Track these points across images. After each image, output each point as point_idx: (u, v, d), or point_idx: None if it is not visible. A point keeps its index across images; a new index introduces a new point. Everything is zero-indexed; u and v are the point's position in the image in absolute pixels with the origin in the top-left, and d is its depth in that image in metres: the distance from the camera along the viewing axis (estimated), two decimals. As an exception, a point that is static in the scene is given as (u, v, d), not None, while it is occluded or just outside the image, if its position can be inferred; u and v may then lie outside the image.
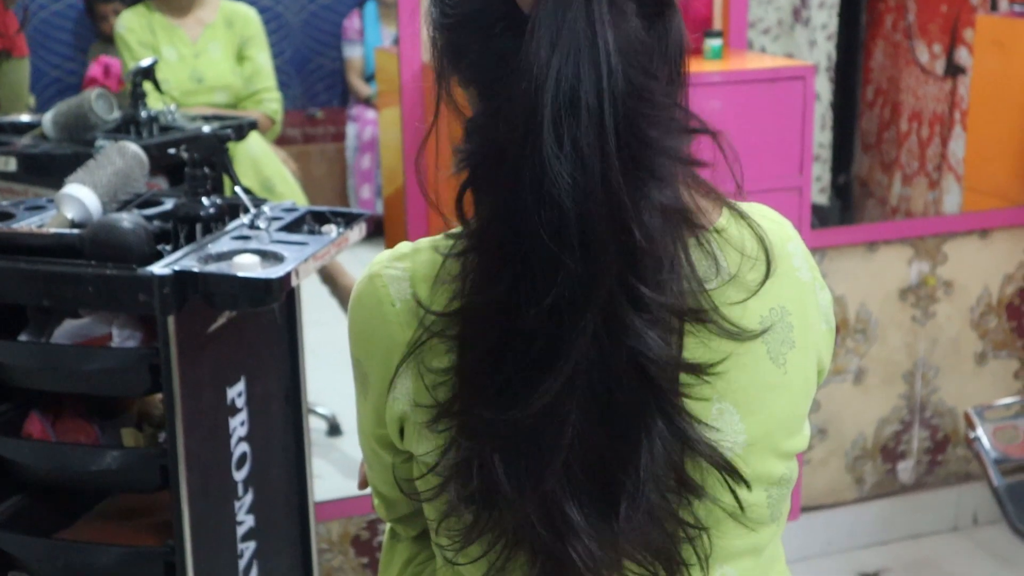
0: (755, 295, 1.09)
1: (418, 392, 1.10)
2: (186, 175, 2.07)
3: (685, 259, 1.04)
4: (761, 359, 1.11)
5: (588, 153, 0.96)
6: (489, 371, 1.03)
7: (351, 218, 2.17)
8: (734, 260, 1.09)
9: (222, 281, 1.84)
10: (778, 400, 1.13)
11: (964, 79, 3.30)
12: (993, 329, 3.33)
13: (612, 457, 1.04)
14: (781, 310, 1.13)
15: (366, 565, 2.86)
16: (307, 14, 3.38)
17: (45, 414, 2.05)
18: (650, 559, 1.08)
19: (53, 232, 1.94)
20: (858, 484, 3.31)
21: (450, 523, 1.11)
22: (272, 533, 2.23)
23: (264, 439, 2.18)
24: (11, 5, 2.97)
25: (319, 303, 3.06)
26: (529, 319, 0.99)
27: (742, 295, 1.09)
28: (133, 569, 2.02)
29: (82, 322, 2.00)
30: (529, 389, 1.01)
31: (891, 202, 3.35)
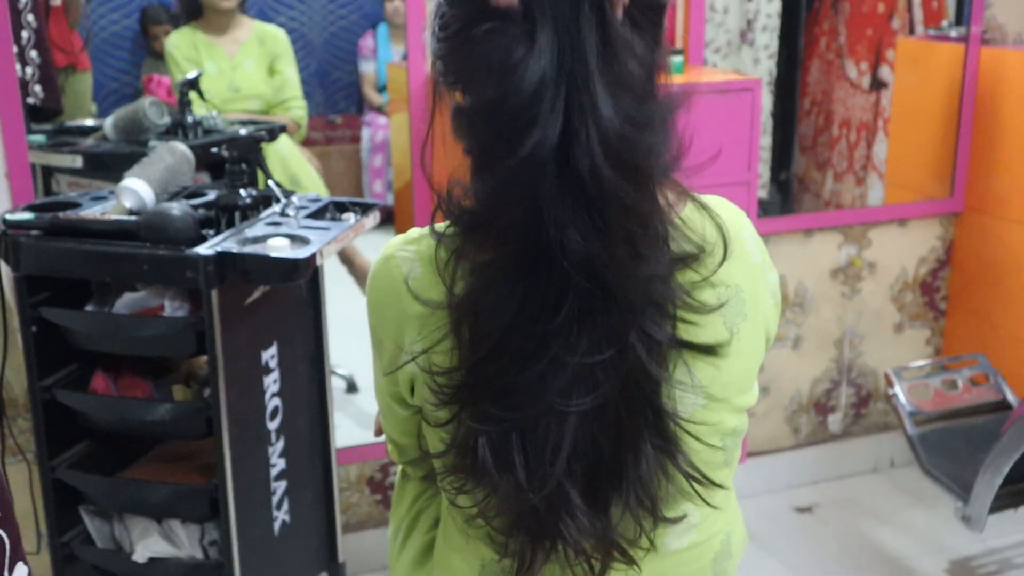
0: (714, 275, 1.10)
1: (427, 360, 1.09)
2: (226, 171, 2.07)
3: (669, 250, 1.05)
4: (719, 330, 1.12)
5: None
6: (494, 371, 1.02)
7: (366, 207, 2.17)
8: (696, 246, 1.09)
9: (257, 260, 1.84)
10: (732, 363, 1.14)
11: (886, 92, 3.30)
12: (909, 303, 3.35)
13: (608, 447, 1.05)
14: (736, 287, 1.13)
15: (379, 502, 2.87)
16: (328, 34, 3.37)
17: (108, 373, 2.06)
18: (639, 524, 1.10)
19: (114, 219, 1.94)
20: (795, 433, 3.33)
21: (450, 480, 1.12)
22: (300, 474, 2.23)
23: (293, 395, 2.19)
24: (75, 26, 2.96)
25: (339, 280, 3.06)
26: (533, 319, 0.99)
27: (702, 275, 1.09)
28: (182, 504, 2.03)
29: (138, 295, 2.00)
30: (533, 391, 1.01)
31: (824, 196, 3.35)
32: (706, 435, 1.11)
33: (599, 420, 1.03)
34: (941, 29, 3.29)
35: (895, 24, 3.29)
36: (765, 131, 3.21)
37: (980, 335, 3.27)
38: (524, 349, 1.00)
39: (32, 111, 2.58)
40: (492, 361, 1.02)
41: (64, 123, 2.70)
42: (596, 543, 1.08)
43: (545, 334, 0.99)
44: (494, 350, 1.02)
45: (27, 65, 2.53)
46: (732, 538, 1.24)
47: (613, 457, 1.05)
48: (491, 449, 1.04)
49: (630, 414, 1.04)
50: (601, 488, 1.06)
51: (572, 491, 1.04)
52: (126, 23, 3.16)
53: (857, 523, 3.14)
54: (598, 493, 1.06)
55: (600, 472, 1.05)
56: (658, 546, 1.15)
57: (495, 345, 1.01)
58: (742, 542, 1.27)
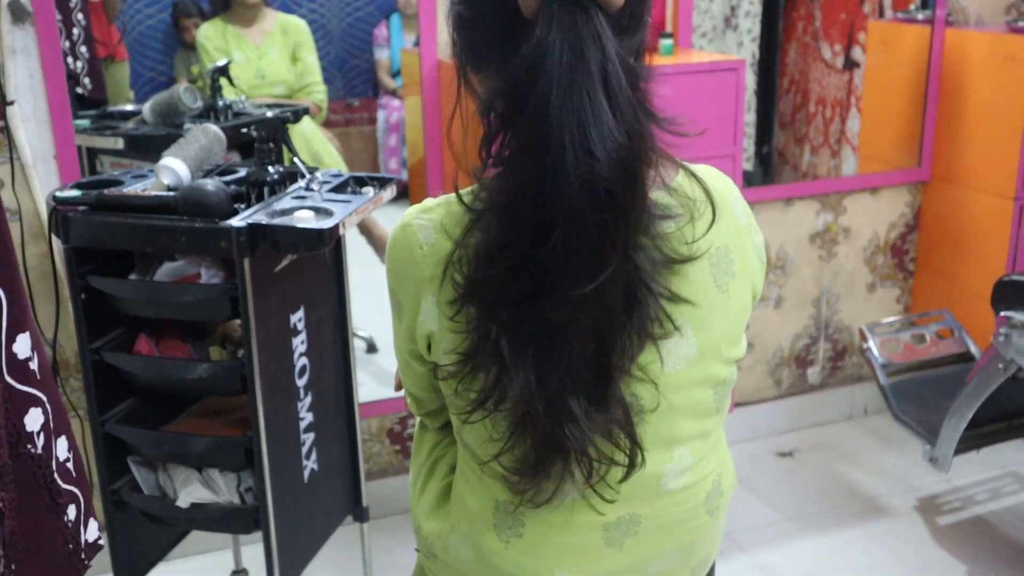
0: (704, 236, 1.10)
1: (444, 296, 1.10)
2: (255, 150, 2.06)
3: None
4: (709, 287, 1.12)
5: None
6: (508, 285, 1.02)
7: (384, 182, 2.15)
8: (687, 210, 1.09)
9: (285, 231, 1.83)
10: (721, 318, 1.14)
11: (858, 71, 3.28)
12: (880, 265, 3.34)
13: (604, 364, 1.05)
14: (724, 248, 1.13)
15: (398, 451, 2.89)
16: (345, 24, 3.35)
17: (150, 336, 2.06)
18: (624, 440, 1.09)
19: (154, 195, 1.93)
20: (777, 385, 3.34)
21: (462, 403, 1.12)
22: (326, 426, 2.24)
23: (319, 354, 2.18)
24: (113, 20, 2.95)
25: (359, 248, 3.05)
26: (548, 254, 0.98)
27: (695, 238, 1.09)
28: (220, 454, 2.03)
29: (177, 264, 2.00)
30: (541, 308, 1.01)
31: (802, 168, 3.34)
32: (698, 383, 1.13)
33: (598, 335, 1.03)
34: (909, 12, 3.27)
35: (866, 8, 3.26)
36: (749, 108, 3.19)
37: (945, 293, 3.27)
38: (537, 273, 1.00)
39: (80, 100, 2.58)
40: (509, 278, 1.02)
41: (106, 109, 2.70)
42: (599, 445, 1.08)
43: (541, 258, 0.99)
44: (512, 268, 1.02)
45: (77, 59, 2.54)
46: (723, 479, 1.25)
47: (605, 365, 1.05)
48: (507, 342, 1.04)
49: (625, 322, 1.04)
50: (600, 393, 1.06)
51: (572, 401, 1.04)
52: (160, 17, 3.14)
53: (834, 466, 3.15)
54: (598, 398, 1.06)
55: (598, 381, 1.05)
56: (657, 486, 1.16)
57: (513, 265, 1.01)
58: (732, 483, 1.28)
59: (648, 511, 1.17)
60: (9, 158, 2.31)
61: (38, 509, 0.90)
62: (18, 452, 0.88)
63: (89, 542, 0.98)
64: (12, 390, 0.87)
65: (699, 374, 1.14)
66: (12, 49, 2.26)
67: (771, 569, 2.65)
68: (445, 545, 1.24)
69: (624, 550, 1.18)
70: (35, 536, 0.89)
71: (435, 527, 1.26)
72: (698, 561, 1.25)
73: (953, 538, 2.77)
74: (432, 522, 1.27)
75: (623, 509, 1.16)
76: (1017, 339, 2.24)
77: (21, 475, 0.87)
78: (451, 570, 1.25)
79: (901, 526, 2.83)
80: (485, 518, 1.19)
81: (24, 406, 0.89)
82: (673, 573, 1.23)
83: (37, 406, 0.90)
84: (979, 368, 2.42)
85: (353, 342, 2.32)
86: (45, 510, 0.91)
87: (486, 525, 1.19)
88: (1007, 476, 3.06)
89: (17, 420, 0.88)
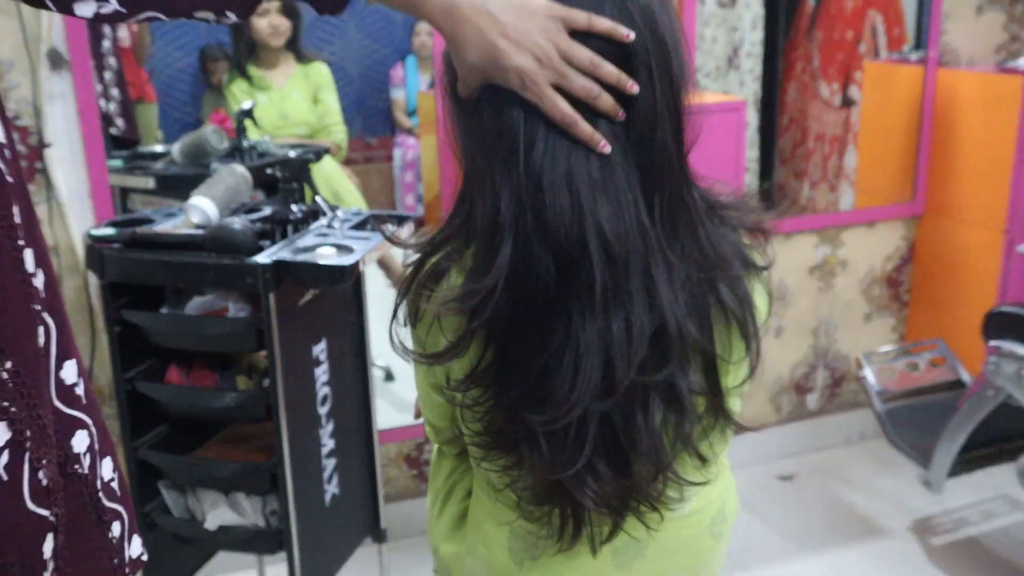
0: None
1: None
2: (279, 188, 2.08)
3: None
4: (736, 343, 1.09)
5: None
6: (520, 373, 1.01)
7: (401, 219, 2.16)
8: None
9: (308, 267, 1.84)
10: (736, 365, 1.11)
11: (855, 109, 3.30)
12: (877, 296, 3.35)
13: (626, 433, 1.03)
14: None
15: (415, 476, 2.89)
16: (363, 67, 3.39)
17: (180, 366, 2.07)
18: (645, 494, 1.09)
19: (184, 232, 1.95)
20: (777, 411, 3.34)
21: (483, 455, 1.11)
22: (347, 452, 2.24)
23: (340, 383, 2.19)
24: (142, 63, 2.99)
25: (377, 282, 3.07)
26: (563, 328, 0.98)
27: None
28: (246, 479, 2.04)
29: (206, 298, 2.01)
30: (557, 397, 0.99)
31: (802, 202, 3.35)
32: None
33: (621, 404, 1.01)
34: (902, 53, 3.29)
35: (862, 49, 3.28)
36: (751, 145, 3.20)
37: (939, 323, 3.27)
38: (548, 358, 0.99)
39: (113, 140, 2.60)
40: (514, 353, 1.01)
41: (138, 149, 2.71)
42: (619, 500, 1.07)
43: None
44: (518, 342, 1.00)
45: (110, 101, 2.56)
46: (727, 504, 1.25)
47: (627, 430, 1.02)
48: (521, 435, 1.03)
49: (643, 405, 1.02)
50: (622, 456, 1.04)
51: (598, 463, 1.03)
52: (188, 60, 3.17)
53: (833, 489, 3.15)
54: (620, 461, 1.04)
55: (619, 444, 1.03)
56: (665, 512, 1.15)
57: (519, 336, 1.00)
58: (735, 508, 1.28)
59: (655, 535, 1.17)
60: (46, 198, 2.34)
61: (86, 526, 0.91)
62: (67, 472, 0.89)
63: (133, 557, 0.98)
64: (60, 414, 0.88)
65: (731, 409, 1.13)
66: (50, 95, 2.29)
67: (773, 589, 2.66)
68: (462, 567, 1.24)
69: (632, 572, 1.18)
70: (83, 551, 0.90)
71: (452, 549, 1.26)
72: (702, 582, 1.26)
73: (947, 558, 2.77)
74: (449, 544, 1.27)
75: (631, 533, 1.15)
76: (1006, 367, 2.25)
77: (70, 494, 0.89)
78: (468, 591, 1.26)
79: (897, 546, 2.83)
80: (500, 541, 1.19)
81: (72, 429, 0.90)
82: (678, 594, 1.23)
83: (83, 429, 0.91)
84: (970, 395, 2.42)
85: (372, 371, 2.32)
86: (91, 527, 0.92)
87: (501, 548, 1.19)
88: (999, 498, 3.05)
89: (65, 442, 0.89)
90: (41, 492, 0.82)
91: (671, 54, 1.01)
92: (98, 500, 0.93)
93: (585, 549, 1.15)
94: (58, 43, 2.28)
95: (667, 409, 1.03)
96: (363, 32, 3.36)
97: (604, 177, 0.97)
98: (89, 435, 0.92)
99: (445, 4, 0.96)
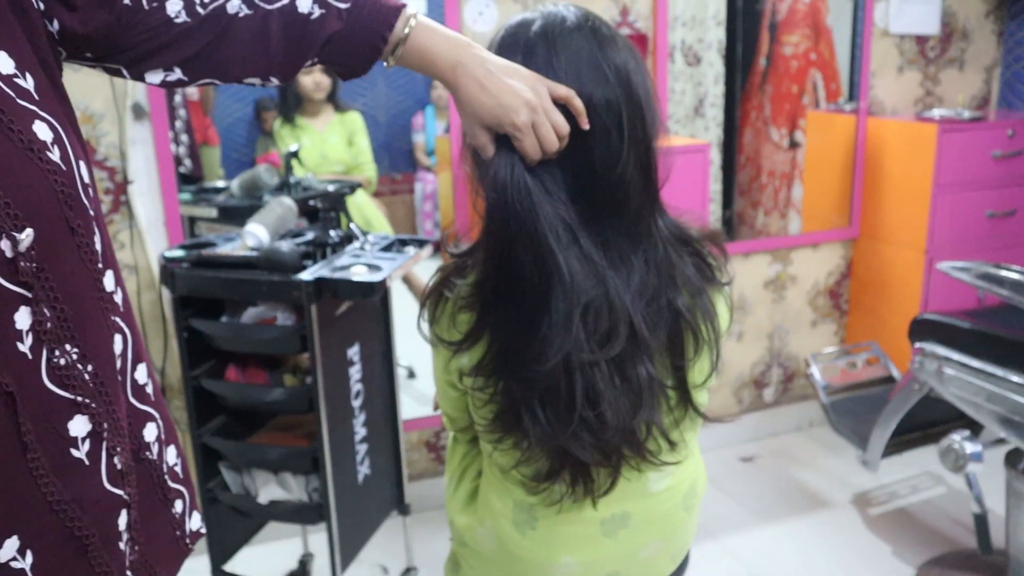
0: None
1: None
2: (320, 217, 2.07)
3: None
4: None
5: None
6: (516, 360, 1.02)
7: (422, 243, 2.17)
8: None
9: (344, 283, 1.85)
10: (705, 361, 1.11)
11: (800, 150, 3.29)
12: (821, 305, 3.33)
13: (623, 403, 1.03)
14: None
15: (433, 459, 2.88)
16: (390, 115, 3.39)
17: (237, 366, 2.08)
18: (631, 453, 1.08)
19: (240, 254, 1.96)
20: (739, 403, 3.32)
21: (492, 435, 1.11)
22: (376, 439, 2.24)
23: (370, 380, 2.19)
24: (208, 113, 2.99)
25: (401, 295, 3.06)
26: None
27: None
28: (292, 461, 2.04)
29: (259, 309, 2.02)
30: (545, 351, 0.99)
31: (757, 227, 3.35)
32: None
33: (607, 374, 1.01)
34: (838, 104, 3.29)
35: (805, 101, 3.28)
36: (715, 180, 3.20)
37: (873, 328, 3.25)
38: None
39: (183, 177, 2.61)
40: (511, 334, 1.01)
41: (203, 184, 2.72)
42: (615, 450, 1.05)
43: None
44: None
45: (180, 145, 2.57)
46: (697, 482, 1.25)
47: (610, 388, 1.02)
48: (523, 411, 1.03)
49: (630, 372, 1.02)
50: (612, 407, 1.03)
51: (589, 418, 1.02)
52: (245, 110, 3.18)
53: (786, 468, 3.13)
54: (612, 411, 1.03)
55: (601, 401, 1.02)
56: (645, 489, 1.15)
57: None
58: (704, 485, 1.28)
59: (637, 509, 1.17)
60: (129, 225, 2.34)
61: (154, 503, 0.91)
62: (139, 457, 0.89)
63: (193, 530, 0.98)
64: (134, 408, 0.88)
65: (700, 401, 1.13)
66: (133, 140, 2.30)
67: (736, 553, 2.63)
68: (474, 536, 1.24)
69: (618, 539, 1.17)
70: (151, 524, 0.90)
71: (466, 521, 1.26)
72: (677, 548, 1.25)
73: (881, 525, 2.74)
74: (463, 517, 1.27)
75: (616, 507, 1.15)
76: (929, 365, 2.23)
77: (141, 476, 0.89)
78: (479, 556, 1.25)
79: (840, 516, 2.80)
80: (506, 514, 1.18)
81: (143, 421, 0.90)
82: (657, 558, 1.22)
83: (152, 421, 0.91)
84: (899, 388, 2.41)
85: (397, 370, 2.33)
86: (159, 504, 0.92)
87: (507, 520, 1.18)
88: (924, 475, 3.03)
89: (138, 432, 0.89)
90: (116, 475, 0.83)
91: (643, 106, 1.01)
92: (164, 482, 0.93)
93: (578, 517, 1.14)
94: (140, 98, 2.28)
95: (627, 393, 1.03)
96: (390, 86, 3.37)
97: (572, 215, 0.99)
98: (157, 427, 0.93)
99: (452, 62, 0.97)
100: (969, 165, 2.94)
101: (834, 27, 3.20)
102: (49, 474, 0.76)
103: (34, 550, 0.76)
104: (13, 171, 0.72)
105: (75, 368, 0.78)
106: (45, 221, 0.74)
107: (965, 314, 2.25)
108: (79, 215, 0.77)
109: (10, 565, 0.74)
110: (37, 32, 0.80)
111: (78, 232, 0.77)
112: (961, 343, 2.15)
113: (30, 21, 0.79)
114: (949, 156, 2.90)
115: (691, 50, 3.10)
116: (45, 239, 0.74)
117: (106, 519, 0.82)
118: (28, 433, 0.74)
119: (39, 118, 0.76)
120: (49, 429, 0.76)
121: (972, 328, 2.14)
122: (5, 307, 0.72)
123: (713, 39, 3.12)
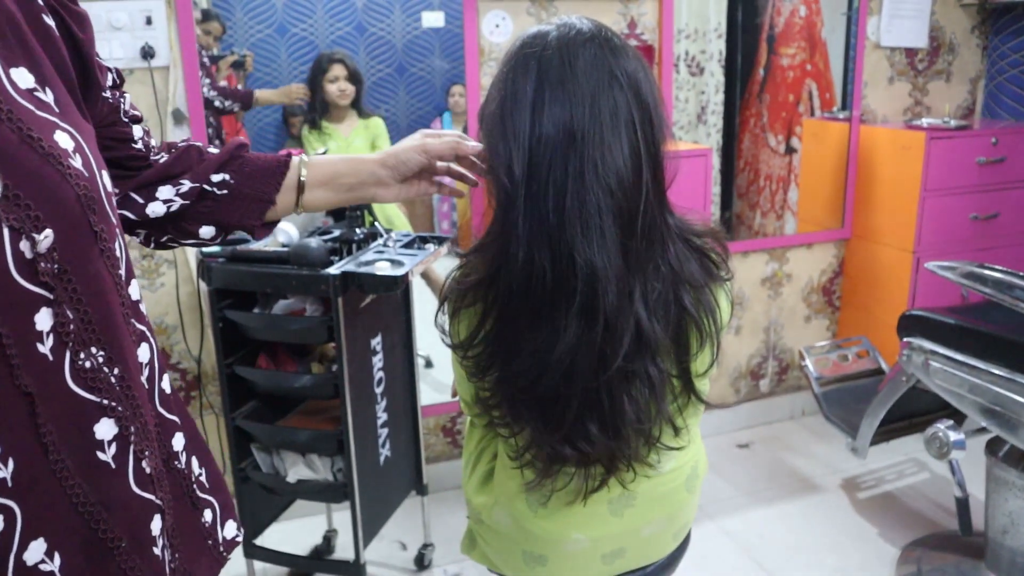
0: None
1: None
2: (345, 216, 2.07)
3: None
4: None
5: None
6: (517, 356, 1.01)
7: (440, 240, 2.16)
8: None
9: (368, 277, 1.84)
10: (707, 353, 1.10)
11: (796, 156, 3.29)
12: (815, 302, 3.33)
13: (613, 405, 1.02)
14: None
15: (450, 443, 2.88)
16: (410, 120, 3.39)
17: (268, 354, 2.08)
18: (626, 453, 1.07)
19: (272, 250, 1.96)
20: (736, 393, 3.31)
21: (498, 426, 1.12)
22: (396, 423, 2.24)
23: (391, 369, 2.19)
24: (239, 119, 3.00)
25: (421, 289, 3.06)
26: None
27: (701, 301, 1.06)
28: (319, 443, 2.03)
29: (289, 301, 2.02)
30: (537, 359, 0.99)
31: (755, 228, 3.34)
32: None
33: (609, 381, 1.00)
34: (832, 112, 3.28)
35: (801, 109, 3.28)
36: (716, 183, 3.20)
37: (863, 323, 3.24)
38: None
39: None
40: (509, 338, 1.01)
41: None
42: (608, 460, 1.06)
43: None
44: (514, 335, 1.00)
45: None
46: (698, 465, 1.25)
47: (613, 403, 1.01)
48: (510, 410, 1.04)
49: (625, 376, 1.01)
50: (613, 423, 1.03)
51: (590, 425, 1.02)
52: (273, 116, 3.19)
53: (780, 454, 3.13)
54: (612, 427, 1.03)
55: (606, 414, 1.02)
56: (650, 471, 1.15)
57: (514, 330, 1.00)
58: (704, 467, 1.28)
59: (642, 489, 1.17)
60: (166, 222, 2.34)
61: (185, 511, 0.89)
62: (170, 466, 0.86)
63: (227, 539, 0.95)
64: (162, 418, 0.85)
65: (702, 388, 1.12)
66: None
67: (732, 532, 2.64)
68: (490, 514, 1.24)
69: (624, 517, 1.18)
70: (184, 530, 0.88)
71: (482, 500, 1.27)
72: (679, 527, 1.25)
73: (868, 508, 2.74)
74: (479, 496, 1.27)
75: (624, 487, 1.15)
76: (915, 358, 2.23)
77: (173, 483, 0.87)
78: (494, 532, 1.25)
79: (830, 499, 2.80)
80: (518, 494, 1.19)
81: (172, 431, 0.87)
82: (660, 535, 1.23)
83: (179, 431, 0.88)
84: (888, 380, 2.40)
85: (417, 360, 2.33)
86: (189, 512, 0.90)
87: (519, 499, 1.19)
88: (909, 461, 3.02)
89: (167, 441, 0.86)
90: (145, 479, 0.79)
91: (652, 112, 1.01)
92: (193, 491, 0.90)
93: (588, 497, 1.14)
94: (180, 104, 2.29)
95: (645, 389, 1.02)
96: (410, 94, 3.36)
97: (592, 214, 0.97)
98: (184, 437, 0.90)
99: (369, 157, 1.13)
100: (955, 171, 2.93)
101: (828, 40, 3.19)
102: (74, 476, 0.72)
103: (61, 552, 0.72)
104: (34, 175, 0.68)
105: (101, 371, 0.74)
106: (67, 223, 0.70)
107: (950, 311, 2.25)
108: (102, 220, 0.73)
109: (39, 568, 0.71)
110: (58, 54, 0.78)
111: (101, 237, 0.73)
112: (946, 338, 2.15)
113: (52, 43, 0.78)
114: (936, 162, 2.89)
115: (694, 61, 3.10)
116: (68, 241, 0.70)
117: (136, 523, 0.78)
118: (49, 434, 0.70)
119: (60, 128, 0.73)
120: (74, 431, 0.72)
121: (957, 324, 2.14)
122: (26, 308, 0.68)
123: (715, 51, 3.12)
